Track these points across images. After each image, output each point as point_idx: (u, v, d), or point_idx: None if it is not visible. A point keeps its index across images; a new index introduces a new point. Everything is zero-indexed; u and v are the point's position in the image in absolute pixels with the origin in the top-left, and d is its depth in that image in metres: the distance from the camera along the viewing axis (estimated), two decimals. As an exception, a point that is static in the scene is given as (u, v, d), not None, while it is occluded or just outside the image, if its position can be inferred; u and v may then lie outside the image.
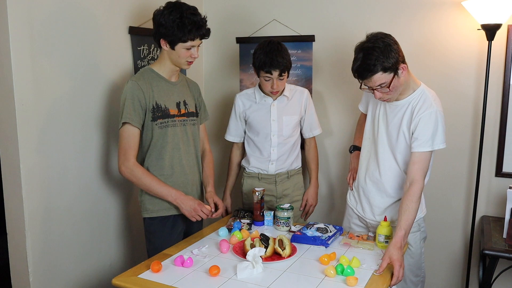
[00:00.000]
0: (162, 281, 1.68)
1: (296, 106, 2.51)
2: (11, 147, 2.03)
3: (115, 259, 2.60)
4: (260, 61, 2.32)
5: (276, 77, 2.33)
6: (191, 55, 2.08)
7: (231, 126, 2.61)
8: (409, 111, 2.01)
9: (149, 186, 2.09)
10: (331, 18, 2.83)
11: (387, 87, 1.91)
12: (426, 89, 2.03)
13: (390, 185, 2.12)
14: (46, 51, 2.09)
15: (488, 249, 2.18)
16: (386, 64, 1.87)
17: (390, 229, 1.99)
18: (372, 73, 1.89)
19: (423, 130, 1.96)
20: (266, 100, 2.48)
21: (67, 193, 2.26)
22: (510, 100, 2.49)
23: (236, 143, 2.66)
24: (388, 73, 1.89)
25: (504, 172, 2.55)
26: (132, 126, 2.07)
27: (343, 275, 1.71)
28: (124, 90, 2.08)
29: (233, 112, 2.59)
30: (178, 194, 2.11)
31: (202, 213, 2.12)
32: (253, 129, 2.52)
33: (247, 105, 2.53)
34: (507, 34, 2.44)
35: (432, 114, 1.96)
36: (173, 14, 1.99)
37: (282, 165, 2.52)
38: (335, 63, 2.86)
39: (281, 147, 2.49)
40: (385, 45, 1.89)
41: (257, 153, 2.53)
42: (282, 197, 2.56)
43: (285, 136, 2.49)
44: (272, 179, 2.54)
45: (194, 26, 2.00)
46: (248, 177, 2.60)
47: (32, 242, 2.10)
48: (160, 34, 2.04)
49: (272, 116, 2.47)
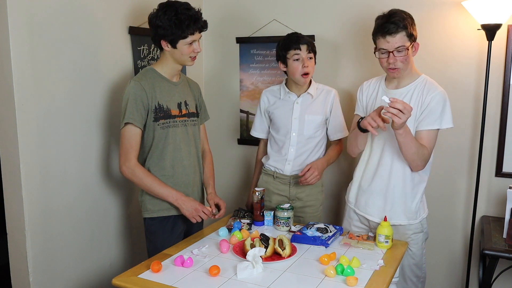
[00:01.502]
0: (162, 281, 1.68)
1: (321, 106, 2.44)
2: (11, 147, 2.03)
3: (115, 259, 2.60)
4: (287, 41, 2.35)
5: (306, 55, 2.32)
6: (194, 50, 2.09)
7: (256, 121, 2.61)
8: (416, 95, 2.04)
9: (150, 187, 2.10)
10: (331, 18, 2.83)
11: (406, 51, 1.97)
12: (428, 77, 2.10)
13: (398, 181, 2.09)
14: (46, 51, 2.09)
15: (488, 249, 2.17)
16: (410, 29, 1.98)
17: (390, 229, 1.98)
18: (399, 29, 1.96)
19: (433, 109, 2.00)
20: (290, 97, 2.45)
21: (67, 193, 2.26)
22: (510, 100, 2.49)
23: (263, 140, 2.65)
24: (408, 39, 1.98)
25: (504, 172, 2.55)
26: (134, 127, 2.07)
27: (343, 275, 1.71)
28: (127, 90, 2.08)
29: (258, 108, 2.58)
30: (179, 195, 2.11)
31: (203, 214, 2.12)
32: (274, 126, 2.50)
33: (272, 101, 2.51)
34: (507, 34, 2.44)
35: (441, 94, 2.02)
36: (167, 13, 2.00)
37: (299, 167, 2.43)
38: (335, 63, 2.86)
39: (300, 147, 2.43)
40: (409, 16, 2.01)
41: (276, 151, 2.50)
42: (295, 200, 2.48)
43: (306, 135, 2.42)
44: (286, 179, 2.48)
45: (191, 21, 2.01)
46: (264, 174, 2.57)
47: (32, 242, 2.10)
48: (160, 36, 2.05)
49: (294, 114, 2.42)
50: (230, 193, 3.29)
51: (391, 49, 1.98)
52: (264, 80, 3.06)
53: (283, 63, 2.39)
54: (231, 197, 3.29)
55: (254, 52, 3.07)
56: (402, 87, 2.08)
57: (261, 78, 3.08)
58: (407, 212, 2.12)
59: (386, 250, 1.96)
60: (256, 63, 3.08)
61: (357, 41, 2.77)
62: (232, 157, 3.28)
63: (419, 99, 2.03)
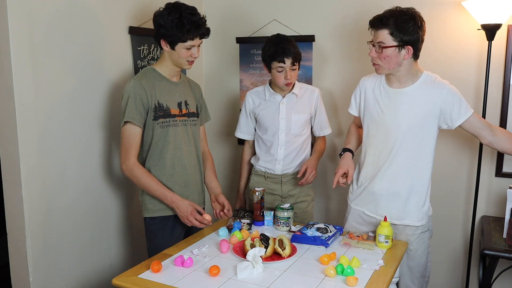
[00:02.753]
0: (162, 281, 1.68)
1: (306, 104, 2.48)
2: (11, 147, 2.03)
3: (115, 259, 2.60)
4: (272, 52, 2.32)
5: (289, 67, 2.32)
6: (192, 55, 2.09)
7: (241, 123, 2.61)
8: (424, 93, 2.03)
9: (148, 187, 2.10)
10: (331, 18, 2.83)
11: (386, 50, 1.96)
12: (430, 73, 2.09)
13: (401, 178, 2.09)
14: (46, 51, 2.09)
15: (488, 249, 2.17)
16: (396, 30, 1.93)
17: (390, 229, 1.98)
18: (381, 26, 1.96)
19: (453, 102, 2.01)
20: (275, 98, 2.46)
21: (67, 193, 2.26)
22: (510, 100, 2.49)
23: (248, 142, 2.65)
24: (392, 39, 1.95)
25: (504, 172, 2.55)
26: (134, 125, 2.07)
27: (343, 275, 1.71)
28: (126, 88, 2.08)
29: (243, 109, 2.58)
30: (174, 198, 2.10)
31: (194, 221, 2.07)
32: (262, 127, 2.51)
33: (257, 103, 2.52)
34: (507, 34, 2.44)
35: (449, 88, 2.02)
36: (172, 14, 2.00)
37: (289, 166, 2.49)
38: (335, 63, 2.86)
39: (288, 146, 2.47)
40: (412, 18, 1.95)
41: (265, 151, 2.52)
42: (288, 197, 2.52)
43: (294, 134, 2.46)
44: (278, 179, 2.51)
45: (193, 26, 2.01)
46: (255, 175, 2.58)
47: (32, 242, 2.10)
48: (160, 35, 2.05)
49: (280, 114, 2.45)
50: (230, 193, 3.29)
51: (375, 42, 2.00)
52: (264, 80, 3.06)
53: (267, 67, 2.41)
54: (231, 197, 3.28)
55: (254, 52, 3.07)
56: (405, 87, 2.06)
57: (261, 78, 3.08)
58: (420, 213, 2.11)
59: (386, 250, 1.96)
60: (256, 63, 3.08)
61: (357, 41, 2.77)
62: (232, 157, 3.28)
63: (429, 96, 2.01)
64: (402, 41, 1.95)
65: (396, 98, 2.07)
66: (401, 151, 2.07)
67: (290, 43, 2.33)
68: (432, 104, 2.02)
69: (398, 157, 2.08)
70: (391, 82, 2.10)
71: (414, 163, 2.07)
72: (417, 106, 2.03)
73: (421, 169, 2.08)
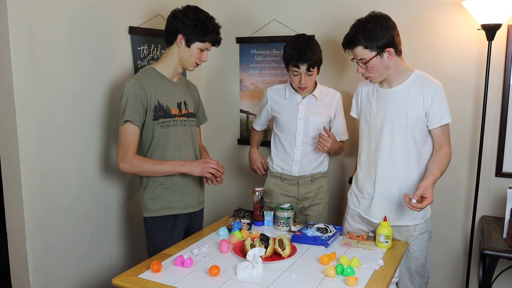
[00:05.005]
0: (162, 281, 1.68)
1: (326, 107, 2.45)
2: (11, 147, 2.03)
3: (115, 259, 2.60)
4: (289, 54, 2.31)
5: (304, 72, 2.30)
6: (201, 57, 2.15)
7: (262, 116, 2.62)
8: (414, 91, 2.03)
9: (153, 169, 2.10)
10: (331, 17, 2.83)
11: (371, 62, 1.98)
12: (421, 72, 2.09)
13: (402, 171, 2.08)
14: (46, 51, 2.09)
15: (488, 249, 2.17)
16: (368, 41, 1.96)
17: (390, 229, 1.99)
18: (353, 45, 1.99)
19: (440, 104, 2.01)
20: (295, 98, 2.44)
21: (67, 193, 2.26)
22: (510, 100, 2.49)
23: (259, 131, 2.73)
24: (369, 51, 1.97)
25: (504, 172, 2.55)
26: (133, 124, 2.07)
27: (343, 275, 1.71)
28: (126, 87, 2.08)
29: (264, 104, 2.57)
30: (182, 162, 2.13)
31: (211, 169, 2.12)
32: (279, 126, 2.50)
33: (276, 100, 2.50)
34: (507, 34, 2.44)
35: (441, 89, 2.03)
36: (197, 14, 2.10)
37: (306, 168, 2.47)
38: (335, 63, 2.86)
39: (305, 148, 2.44)
40: (376, 23, 1.97)
41: (281, 152, 2.50)
42: (304, 200, 2.50)
43: (311, 136, 2.44)
44: (294, 180, 2.49)
45: (214, 31, 2.12)
46: (271, 176, 2.56)
47: (32, 242, 2.10)
48: (179, 30, 2.08)
49: (299, 115, 2.43)
50: (230, 193, 3.29)
51: (356, 60, 2.04)
52: (264, 80, 3.06)
53: (286, 67, 2.40)
54: (231, 197, 3.29)
55: (254, 52, 3.07)
56: (395, 86, 2.07)
57: (261, 78, 3.08)
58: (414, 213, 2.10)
59: (386, 250, 1.96)
60: (256, 63, 3.08)
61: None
62: (232, 157, 3.28)
63: (419, 95, 2.02)
64: (379, 48, 1.97)
65: (385, 98, 2.09)
66: (391, 151, 2.08)
67: (310, 48, 2.28)
68: (422, 103, 2.02)
69: (389, 157, 2.09)
70: (382, 82, 2.13)
71: (406, 163, 2.07)
72: (406, 105, 2.03)
73: (413, 169, 2.08)
